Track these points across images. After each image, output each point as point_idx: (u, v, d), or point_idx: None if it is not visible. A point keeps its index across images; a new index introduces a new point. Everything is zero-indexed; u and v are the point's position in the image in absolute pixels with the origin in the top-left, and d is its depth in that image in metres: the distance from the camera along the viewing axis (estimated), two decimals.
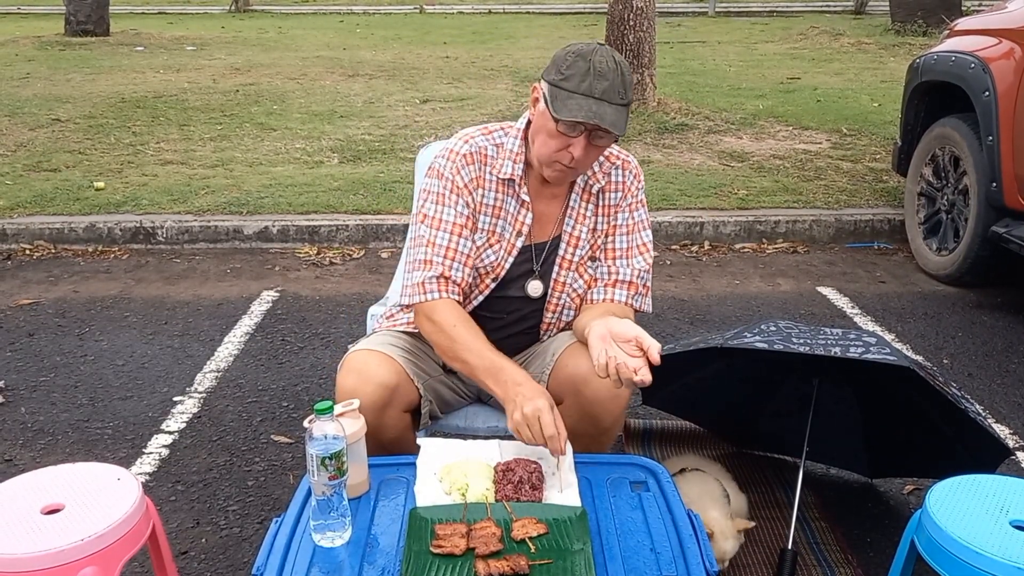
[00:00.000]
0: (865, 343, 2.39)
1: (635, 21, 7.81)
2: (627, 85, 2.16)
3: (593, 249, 2.42)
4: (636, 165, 2.46)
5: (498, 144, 2.38)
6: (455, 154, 2.36)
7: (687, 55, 12.34)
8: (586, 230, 2.40)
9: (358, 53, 12.69)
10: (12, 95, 9.27)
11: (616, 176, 2.42)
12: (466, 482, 1.96)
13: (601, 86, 2.12)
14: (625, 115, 2.17)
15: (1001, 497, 1.98)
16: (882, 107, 8.56)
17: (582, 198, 2.40)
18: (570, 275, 2.40)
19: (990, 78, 4.44)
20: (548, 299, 2.42)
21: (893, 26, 13.96)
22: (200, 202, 5.90)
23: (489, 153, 2.37)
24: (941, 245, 5.00)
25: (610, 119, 2.12)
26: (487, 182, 2.36)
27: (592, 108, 2.11)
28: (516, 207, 2.37)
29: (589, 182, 2.39)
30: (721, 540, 2.50)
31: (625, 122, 2.17)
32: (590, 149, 2.20)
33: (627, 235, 2.42)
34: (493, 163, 2.36)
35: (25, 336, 4.29)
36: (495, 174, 2.35)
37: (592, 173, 2.39)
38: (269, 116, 8.47)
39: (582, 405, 2.25)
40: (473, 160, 2.35)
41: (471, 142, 2.37)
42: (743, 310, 4.56)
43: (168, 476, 3.15)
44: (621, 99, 2.14)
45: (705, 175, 6.45)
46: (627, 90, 2.16)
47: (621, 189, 2.41)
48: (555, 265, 2.40)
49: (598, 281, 2.41)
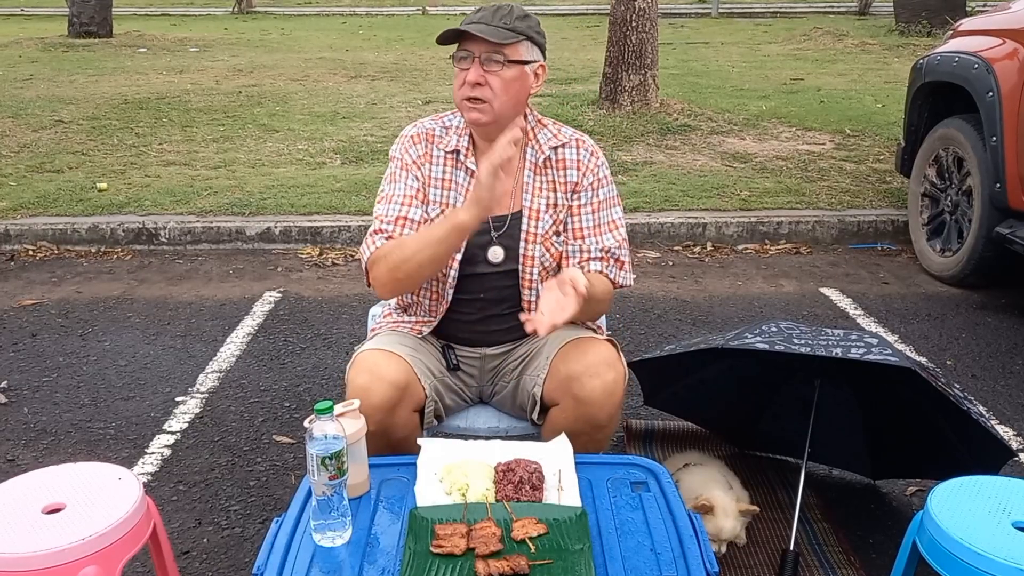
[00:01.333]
0: (867, 344, 2.39)
1: (637, 22, 7.81)
2: (514, 16, 2.30)
3: (556, 224, 2.45)
4: (591, 144, 2.50)
5: (446, 126, 2.50)
6: (405, 137, 2.50)
7: (690, 56, 12.34)
8: (544, 203, 2.44)
9: (361, 54, 12.71)
10: (16, 96, 9.29)
11: (570, 154, 2.46)
12: (466, 482, 1.96)
13: (479, 15, 2.30)
14: (505, 32, 2.27)
15: (1003, 498, 1.97)
16: (886, 108, 8.55)
17: (534, 172, 2.45)
18: (538, 248, 2.43)
19: (994, 79, 4.42)
20: (521, 275, 2.44)
21: (897, 27, 13.94)
22: (203, 203, 5.90)
23: (436, 133, 2.48)
24: (945, 246, 4.99)
25: (480, 28, 2.25)
26: (434, 157, 2.46)
27: (465, 26, 2.28)
28: (465, 177, 2.45)
29: (536, 155, 2.46)
30: (722, 516, 2.52)
31: (505, 38, 2.26)
32: (488, 75, 2.28)
33: (592, 214, 2.45)
34: (440, 140, 2.47)
35: (28, 337, 4.30)
36: (442, 148, 2.46)
37: (539, 146, 2.45)
38: (272, 117, 8.48)
39: (578, 405, 2.28)
40: (420, 139, 2.47)
41: (419, 125, 2.52)
42: (745, 311, 4.55)
43: (170, 476, 3.15)
44: (503, 23, 2.28)
45: (708, 176, 6.44)
46: (513, 20, 2.29)
47: (577, 167, 2.45)
48: (521, 240, 2.43)
49: (569, 260, 2.45)
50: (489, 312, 2.49)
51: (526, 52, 2.32)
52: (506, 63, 2.28)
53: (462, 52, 2.31)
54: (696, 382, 3.04)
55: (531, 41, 2.33)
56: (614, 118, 7.89)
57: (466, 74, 2.30)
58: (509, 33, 2.27)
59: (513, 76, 2.31)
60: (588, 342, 2.37)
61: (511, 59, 2.29)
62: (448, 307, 2.48)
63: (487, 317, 2.49)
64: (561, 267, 2.45)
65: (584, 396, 2.25)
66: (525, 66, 2.33)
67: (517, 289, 2.47)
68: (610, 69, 8.12)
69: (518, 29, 2.30)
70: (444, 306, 2.48)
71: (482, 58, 2.28)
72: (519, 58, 2.31)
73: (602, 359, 2.29)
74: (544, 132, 2.48)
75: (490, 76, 2.28)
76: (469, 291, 2.46)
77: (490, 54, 2.27)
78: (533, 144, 2.46)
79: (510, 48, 2.28)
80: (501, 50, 2.27)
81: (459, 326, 2.52)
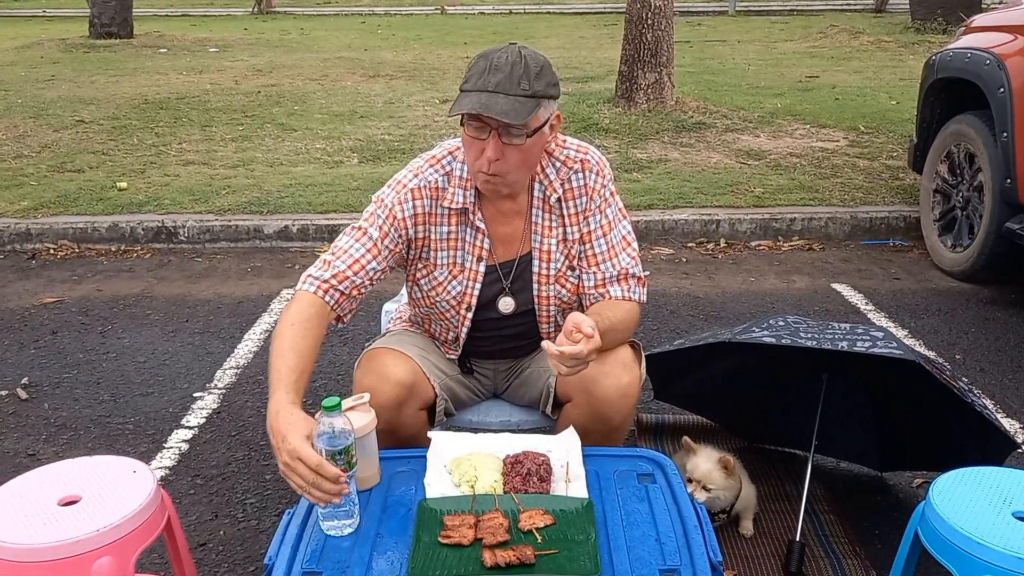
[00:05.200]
0: (872, 338, 2.41)
1: (653, 20, 7.82)
2: (531, 76, 2.08)
3: (569, 259, 2.36)
4: (597, 160, 2.36)
5: (447, 173, 2.31)
6: (403, 187, 2.31)
7: (706, 54, 12.33)
8: (555, 241, 2.34)
9: (379, 54, 12.76)
10: (37, 97, 9.39)
11: (577, 181, 2.33)
12: (475, 474, 1.99)
13: (495, 79, 2.07)
14: (527, 105, 2.07)
15: (1004, 489, 2.00)
16: (900, 105, 8.53)
17: (543, 211, 2.34)
18: (552, 288, 2.37)
19: (1005, 74, 4.43)
20: (538, 315, 2.40)
21: (913, 24, 13.89)
22: (221, 202, 5.97)
23: (439, 185, 2.30)
24: (956, 242, 5.00)
25: (500, 108, 2.04)
26: (439, 217, 2.31)
27: (481, 100, 2.06)
28: (472, 234, 2.33)
29: (547, 193, 2.32)
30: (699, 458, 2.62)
31: (528, 112, 2.07)
32: (507, 149, 2.12)
33: (604, 237, 2.35)
34: (444, 195, 2.30)
35: (49, 334, 4.37)
36: (447, 206, 2.30)
37: (549, 183, 2.32)
38: (290, 117, 8.54)
39: (592, 404, 2.26)
40: (421, 195, 2.29)
41: (420, 176, 2.31)
42: (758, 307, 4.57)
43: (187, 470, 3.20)
44: (521, 89, 2.07)
45: (722, 173, 6.46)
46: (531, 81, 2.08)
47: (585, 193, 2.33)
48: (533, 282, 2.36)
49: (586, 288, 2.36)
50: (506, 345, 2.49)
51: (544, 112, 2.14)
52: (528, 135, 2.12)
53: (476, 119, 2.11)
54: (706, 376, 3.07)
55: (549, 98, 2.14)
56: (630, 116, 7.91)
57: (482, 145, 2.12)
58: (531, 103, 2.08)
59: (533, 144, 2.15)
60: None
61: (532, 129, 2.12)
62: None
63: (504, 349, 2.49)
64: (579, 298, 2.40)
65: (599, 395, 2.24)
66: (543, 127, 2.17)
67: (534, 325, 2.44)
68: (626, 67, 8.14)
69: (538, 93, 2.10)
70: (459, 347, 2.48)
71: (501, 131, 2.09)
72: (539, 125, 2.13)
73: (619, 360, 2.26)
74: (552, 164, 2.33)
75: (509, 150, 2.12)
76: (485, 330, 2.44)
77: (509, 128, 2.08)
78: (542, 180, 2.33)
79: (532, 119, 2.09)
80: (524, 124, 2.09)
81: (476, 349, 2.51)
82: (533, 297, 2.38)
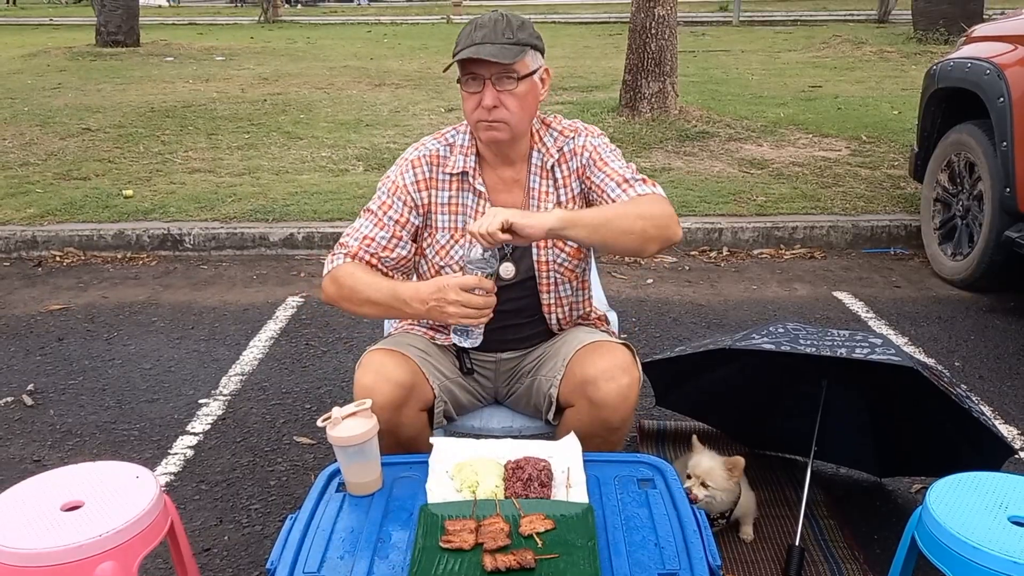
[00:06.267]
0: (871, 344, 2.43)
1: (657, 30, 7.87)
2: (513, 28, 2.28)
3: None
4: (582, 126, 2.50)
5: (450, 144, 2.47)
6: (405, 160, 2.48)
7: (710, 64, 12.37)
8: (551, 206, 2.45)
9: (385, 63, 12.82)
10: (44, 105, 9.45)
11: (569, 146, 2.46)
12: (477, 480, 2.00)
13: (480, 33, 2.27)
14: (513, 50, 2.26)
15: (1000, 494, 2.01)
16: (902, 115, 8.56)
17: (541, 177, 2.46)
18: (551, 252, 2.46)
19: (1005, 84, 4.46)
20: (538, 281, 2.48)
21: (915, 35, 13.95)
22: (227, 209, 6.00)
23: (441, 154, 2.46)
24: (956, 250, 5.02)
25: (488, 51, 2.23)
26: (440, 182, 2.45)
27: (470, 50, 2.25)
28: (473, 199, 2.45)
29: (544, 159, 2.46)
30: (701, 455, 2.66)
31: (513, 55, 2.26)
32: (503, 96, 2.29)
33: (615, 184, 2.37)
34: (445, 162, 2.45)
35: (55, 341, 4.40)
36: (448, 172, 2.44)
37: (546, 150, 2.46)
38: (296, 125, 8.58)
39: (592, 407, 2.30)
40: (422, 163, 2.45)
41: (421, 148, 2.49)
42: (760, 315, 4.59)
43: (192, 476, 3.22)
44: (505, 38, 2.26)
45: (725, 182, 6.48)
46: (513, 31, 2.28)
47: (578, 152, 2.45)
48: (533, 247, 2.45)
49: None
50: (507, 322, 2.50)
51: (532, 62, 2.33)
52: (518, 79, 2.29)
53: (470, 73, 2.30)
54: (707, 383, 3.09)
55: (534, 48, 2.33)
56: (634, 125, 7.95)
57: (479, 96, 2.29)
58: (516, 48, 2.27)
59: (526, 90, 2.31)
60: (605, 346, 2.38)
61: (522, 74, 2.29)
62: None
63: (505, 327, 2.50)
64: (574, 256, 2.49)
65: (599, 399, 2.27)
66: (533, 76, 2.33)
67: (536, 298, 2.50)
68: (630, 76, 8.18)
69: (522, 41, 2.29)
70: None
71: (494, 79, 2.27)
72: (527, 71, 2.31)
73: (618, 363, 2.30)
74: (549, 134, 2.49)
75: (504, 96, 2.28)
76: None
77: (501, 74, 2.27)
78: (539, 147, 2.47)
79: (520, 63, 2.28)
80: (512, 68, 2.27)
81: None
82: (533, 264, 2.46)
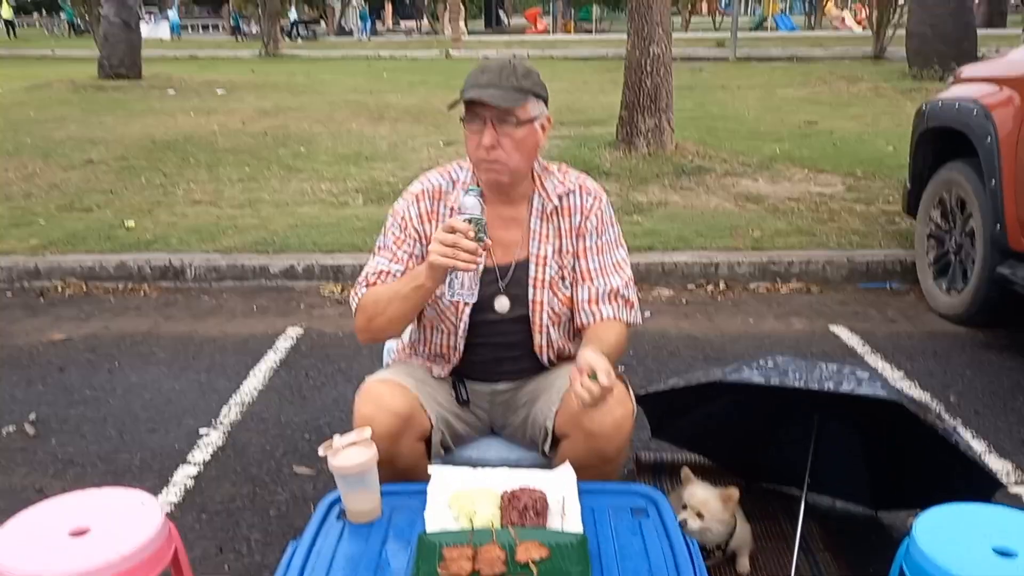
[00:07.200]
0: (858, 378, 2.47)
1: (652, 67, 7.98)
2: (518, 75, 2.37)
3: (562, 268, 2.55)
4: (595, 188, 2.61)
5: (453, 179, 2.56)
6: (410, 193, 2.57)
7: (707, 99, 12.49)
8: (551, 250, 2.54)
9: (384, 97, 12.93)
10: (47, 137, 9.54)
11: (573, 200, 2.56)
12: (474, 508, 2.04)
13: (486, 77, 2.36)
14: (515, 95, 2.35)
15: (986, 524, 2.05)
16: (897, 151, 8.64)
17: (541, 220, 2.54)
18: (545, 293, 2.53)
19: (992, 124, 4.53)
20: (532, 320, 2.54)
21: (910, 72, 14.10)
22: (228, 241, 6.06)
23: (444, 188, 2.54)
24: (950, 286, 5.07)
25: (490, 94, 2.32)
26: (441, 215, 2.52)
27: (475, 91, 2.34)
28: None
29: (544, 203, 2.54)
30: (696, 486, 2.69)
31: (515, 100, 2.35)
32: (502, 137, 2.37)
33: (598, 255, 2.55)
34: (447, 197, 2.53)
35: (56, 371, 4.43)
36: (449, 206, 2.52)
37: (546, 195, 2.54)
38: (296, 158, 8.66)
39: (587, 438, 2.34)
40: (425, 196, 2.54)
41: (425, 181, 2.58)
42: (757, 348, 4.63)
43: (193, 505, 3.24)
44: (509, 84, 2.35)
45: (721, 217, 6.55)
46: (518, 79, 2.37)
47: (581, 211, 2.55)
48: (529, 286, 2.53)
49: (579, 303, 2.55)
50: (501, 355, 2.58)
51: (533, 109, 2.40)
52: (517, 124, 2.37)
53: (473, 114, 2.39)
54: (700, 416, 3.12)
55: (536, 97, 2.41)
56: (630, 160, 8.04)
57: (480, 136, 2.38)
58: (518, 94, 2.36)
59: (524, 134, 2.39)
60: None
61: (521, 119, 2.37)
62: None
63: (500, 359, 2.59)
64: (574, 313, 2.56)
65: (594, 430, 2.31)
66: (533, 122, 2.41)
67: (528, 334, 2.56)
68: (626, 112, 8.29)
69: (525, 88, 2.38)
70: (457, 356, 2.58)
71: (494, 121, 2.36)
72: (528, 117, 2.39)
73: (612, 395, 2.32)
74: (551, 179, 2.56)
75: (503, 138, 2.37)
76: (481, 335, 2.56)
77: (502, 116, 2.35)
78: (540, 192, 2.54)
79: (520, 109, 2.37)
80: (512, 112, 2.35)
81: (471, 366, 2.61)
82: (528, 302, 2.53)
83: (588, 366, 2.14)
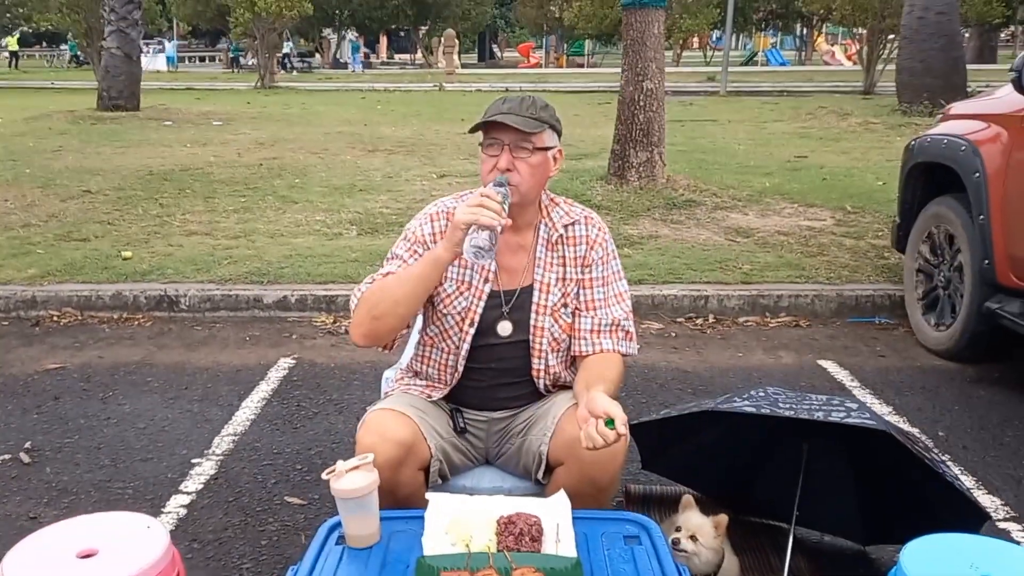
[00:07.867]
0: (847, 408, 2.52)
1: (645, 102, 8.08)
2: (537, 107, 2.52)
3: (564, 297, 2.63)
4: (599, 220, 2.72)
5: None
6: (424, 214, 2.67)
7: (698, 133, 12.61)
8: (555, 277, 2.62)
9: (378, 129, 13.03)
10: (45, 167, 9.59)
11: (579, 230, 2.66)
12: (471, 534, 2.08)
13: (507, 105, 2.51)
14: (532, 123, 2.47)
15: (972, 555, 2.07)
16: (887, 185, 8.71)
17: (547, 248, 2.64)
18: (547, 320, 2.61)
19: (980, 160, 4.60)
20: (532, 345, 2.61)
21: (900, 107, 14.23)
22: (223, 272, 6.09)
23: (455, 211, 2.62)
24: (939, 320, 5.11)
25: (511, 119, 2.45)
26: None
27: (496, 116, 2.47)
28: None
29: (550, 232, 2.64)
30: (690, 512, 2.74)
31: (533, 127, 2.47)
32: (518, 162, 2.48)
33: (603, 286, 2.65)
34: None
35: (51, 400, 4.45)
36: None
37: (552, 224, 2.64)
38: (291, 189, 8.72)
39: (580, 466, 2.38)
40: (439, 216, 2.63)
41: (440, 203, 2.68)
42: (745, 382, 4.65)
43: (185, 535, 3.25)
44: (528, 113, 2.49)
45: (711, 250, 6.61)
46: (537, 110, 2.51)
47: (586, 242, 2.66)
48: (532, 312, 2.61)
49: (580, 331, 2.62)
50: (499, 380, 2.64)
51: (549, 139, 2.53)
52: (533, 150, 2.49)
53: (491, 139, 2.51)
54: (691, 447, 3.16)
55: (552, 128, 2.54)
56: (622, 193, 8.11)
57: (496, 160, 2.49)
58: (536, 123, 2.48)
59: (538, 161, 2.51)
60: None
61: (537, 146, 2.49)
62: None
63: (497, 385, 2.65)
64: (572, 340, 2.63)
65: (588, 458, 2.32)
66: (547, 152, 2.54)
67: (527, 359, 2.62)
68: (618, 146, 8.37)
69: (542, 119, 2.51)
70: (456, 377, 2.64)
71: (511, 145, 2.47)
72: (543, 145, 2.51)
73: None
74: (557, 210, 2.67)
75: (519, 162, 2.48)
76: (481, 360, 2.62)
77: (519, 142, 2.47)
78: (547, 221, 2.65)
79: (537, 136, 2.49)
80: (529, 138, 2.47)
81: (468, 392, 2.66)
82: (529, 327, 2.60)
83: (605, 413, 2.17)
